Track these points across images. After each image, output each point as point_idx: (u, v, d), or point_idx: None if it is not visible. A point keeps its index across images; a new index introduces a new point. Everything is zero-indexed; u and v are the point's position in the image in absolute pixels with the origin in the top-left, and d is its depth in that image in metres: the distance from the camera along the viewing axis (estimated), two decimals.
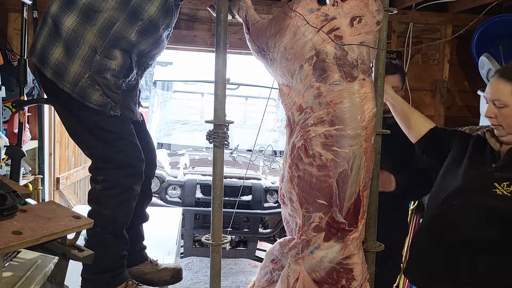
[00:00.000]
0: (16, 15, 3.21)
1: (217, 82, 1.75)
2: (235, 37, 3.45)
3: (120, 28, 1.69)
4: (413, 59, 3.66)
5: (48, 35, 1.71)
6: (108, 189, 1.75)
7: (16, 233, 1.19)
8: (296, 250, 1.97)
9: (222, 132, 1.72)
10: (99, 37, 1.68)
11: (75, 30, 1.67)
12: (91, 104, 1.71)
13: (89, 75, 1.69)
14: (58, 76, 1.70)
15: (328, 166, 1.79)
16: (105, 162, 1.76)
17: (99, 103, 1.72)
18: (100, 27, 1.67)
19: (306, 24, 1.73)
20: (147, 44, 1.78)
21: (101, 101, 1.72)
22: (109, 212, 1.73)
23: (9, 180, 1.61)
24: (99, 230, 1.72)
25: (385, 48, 1.91)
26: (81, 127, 1.78)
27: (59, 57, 1.69)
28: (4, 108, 2.83)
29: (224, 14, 1.71)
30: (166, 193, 4.25)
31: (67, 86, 1.70)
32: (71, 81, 1.69)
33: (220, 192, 1.74)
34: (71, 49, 1.68)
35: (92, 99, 1.71)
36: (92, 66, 1.69)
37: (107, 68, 1.71)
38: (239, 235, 4.22)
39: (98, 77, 1.70)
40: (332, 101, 1.74)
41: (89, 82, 1.70)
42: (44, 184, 3.46)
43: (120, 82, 1.75)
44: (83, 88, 1.70)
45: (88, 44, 1.68)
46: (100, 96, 1.71)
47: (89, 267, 1.70)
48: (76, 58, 1.68)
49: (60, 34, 1.69)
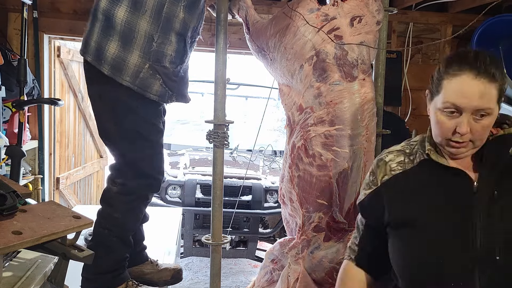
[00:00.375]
0: (16, 15, 3.21)
1: (217, 82, 1.75)
2: (235, 37, 3.45)
3: (169, 8, 1.64)
4: (413, 59, 3.66)
5: (101, 31, 1.67)
6: (124, 194, 1.74)
7: (16, 233, 1.18)
8: (296, 250, 1.98)
9: (222, 132, 1.73)
10: (153, 23, 1.64)
11: (128, 21, 1.63)
12: (152, 95, 1.68)
13: (149, 65, 1.65)
14: (116, 71, 1.65)
15: (328, 166, 1.79)
16: (129, 168, 1.74)
17: (159, 93, 1.69)
18: (152, 12, 1.63)
19: (306, 24, 1.73)
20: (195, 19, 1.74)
21: (160, 91, 1.69)
22: (120, 217, 1.73)
23: (9, 180, 1.61)
24: (107, 232, 1.73)
25: (385, 48, 1.91)
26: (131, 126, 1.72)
27: (115, 51, 1.65)
28: (4, 108, 2.83)
29: (224, 14, 1.71)
30: (166, 193, 4.25)
31: (126, 79, 1.65)
32: (131, 74, 1.65)
33: (220, 192, 1.74)
34: (127, 40, 1.64)
35: (153, 90, 1.68)
36: (151, 55, 1.65)
37: (164, 55, 1.67)
38: (239, 235, 4.22)
39: (158, 66, 1.66)
40: (332, 101, 1.74)
41: (150, 72, 1.66)
42: (44, 184, 3.46)
43: (178, 69, 1.73)
44: (144, 79, 1.66)
45: (143, 32, 1.64)
46: (160, 86, 1.68)
47: (90, 267, 1.70)
48: (134, 49, 1.64)
49: (113, 27, 1.64)
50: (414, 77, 3.61)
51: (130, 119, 1.71)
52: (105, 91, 1.73)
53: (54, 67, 3.57)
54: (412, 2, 3.35)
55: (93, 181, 4.61)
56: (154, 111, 1.76)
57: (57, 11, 3.34)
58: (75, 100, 4.10)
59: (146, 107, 1.72)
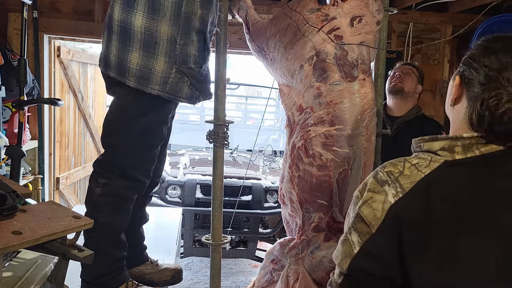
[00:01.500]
0: (16, 15, 3.21)
1: (217, 82, 1.75)
2: (235, 37, 3.45)
3: (187, 6, 1.60)
4: (413, 59, 3.67)
5: (120, 43, 1.60)
6: (107, 195, 1.69)
7: (16, 233, 1.18)
8: (296, 250, 1.97)
9: (222, 132, 1.72)
10: (173, 25, 1.59)
11: (148, 27, 1.57)
12: (182, 99, 1.65)
13: (176, 69, 1.61)
14: (143, 81, 1.60)
15: (328, 166, 1.79)
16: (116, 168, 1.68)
17: (188, 96, 1.66)
18: (171, 14, 1.58)
19: (306, 24, 1.73)
20: (211, 13, 1.70)
21: (189, 93, 1.66)
22: (105, 220, 1.68)
23: (9, 180, 1.61)
24: (95, 235, 1.67)
25: (385, 48, 1.91)
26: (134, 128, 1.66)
27: (139, 61, 1.59)
28: (4, 108, 2.84)
29: (224, 14, 1.71)
30: (166, 193, 4.25)
31: (155, 88, 1.60)
32: (159, 81, 1.60)
33: (220, 192, 1.74)
34: (150, 48, 1.58)
35: (183, 93, 1.64)
36: (177, 58, 1.60)
37: (189, 56, 1.63)
38: (239, 235, 4.22)
39: (184, 68, 1.62)
40: (332, 101, 1.74)
41: (178, 76, 1.62)
42: (44, 184, 3.46)
43: (202, 69, 1.69)
44: (174, 84, 1.62)
45: (165, 36, 1.59)
46: (188, 88, 1.65)
47: (87, 270, 1.69)
48: (158, 55, 1.59)
49: (132, 37, 1.58)
50: None
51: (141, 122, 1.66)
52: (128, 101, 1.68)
53: (54, 67, 3.57)
54: (412, 2, 3.36)
55: None
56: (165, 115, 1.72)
57: (57, 11, 3.34)
58: (75, 100, 4.10)
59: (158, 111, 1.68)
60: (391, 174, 0.92)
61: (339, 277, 0.96)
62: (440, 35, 3.69)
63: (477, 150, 0.89)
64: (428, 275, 0.84)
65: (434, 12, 3.61)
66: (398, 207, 0.88)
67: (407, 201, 0.88)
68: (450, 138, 0.91)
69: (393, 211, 0.88)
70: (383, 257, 0.89)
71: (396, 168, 0.92)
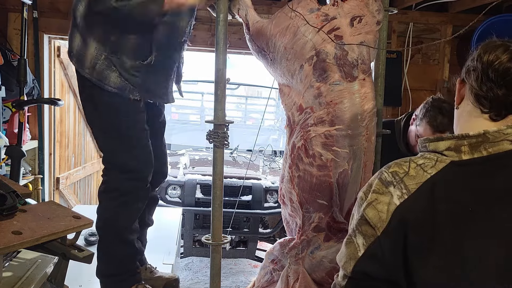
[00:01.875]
0: (16, 15, 3.21)
1: (217, 82, 1.75)
2: (235, 37, 3.45)
3: None
4: (413, 59, 3.67)
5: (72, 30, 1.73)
6: (108, 191, 1.74)
7: (16, 233, 1.19)
8: (296, 250, 1.97)
9: (222, 132, 1.72)
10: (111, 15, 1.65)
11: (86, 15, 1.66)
12: (109, 87, 1.68)
13: (105, 56, 1.67)
14: (80, 63, 1.70)
15: (328, 166, 1.79)
16: (110, 162, 1.76)
17: (117, 85, 1.69)
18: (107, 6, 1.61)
19: (306, 24, 1.73)
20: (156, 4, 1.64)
21: (119, 83, 1.69)
22: (109, 215, 1.73)
23: (9, 180, 1.61)
24: (101, 233, 1.75)
25: (385, 48, 1.91)
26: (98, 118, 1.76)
27: (78, 44, 1.70)
28: (4, 108, 2.84)
29: (224, 14, 1.71)
30: (166, 193, 4.25)
31: (86, 71, 1.69)
32: (89, 65, 1.68)
33: (220, 192, 1.74)
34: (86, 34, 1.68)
35: (111, 81, 1.68)
36: (107, 47, 1.67)
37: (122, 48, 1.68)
38: (239, 235, 4.22)
39: (113, 57, 1.67)
40: (332, 101, 1.74)
41: (105, 63, 1.67)
42: (44, 184, 3.46)
43: (137, 64, 1.71)
44: (101, 70, 1.68)
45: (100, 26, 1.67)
46: (117, 78, 1.69)
47: (99, 269, 1.76)
48: (91, 41, 1.67)
49: (76, 24, 1.70)
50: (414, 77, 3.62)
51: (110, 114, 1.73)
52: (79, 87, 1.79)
53: (54, 67, 3.57)
54: (412, 2, 3.36)
55: (93, 181, 4.61)
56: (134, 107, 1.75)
57: (57, 11, 3.34)
58: (75, 100, 4.10)
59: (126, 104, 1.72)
60: (396, 175, 0.91)
61: (343, 280, 0.94)
62: (440, 35, 3.69)
63: (484, 150, 0.87)
64: (432, 277, 0.84)
65: (434, 12, 3.61)
66: (403, 209, 0.87)
67: (412, 202, 0.87)
68: (456, 137, 0.90)
69: (398, 213, 0.87)
70: (388, 260, 0.87)
71: (401, 168, 0.91)
